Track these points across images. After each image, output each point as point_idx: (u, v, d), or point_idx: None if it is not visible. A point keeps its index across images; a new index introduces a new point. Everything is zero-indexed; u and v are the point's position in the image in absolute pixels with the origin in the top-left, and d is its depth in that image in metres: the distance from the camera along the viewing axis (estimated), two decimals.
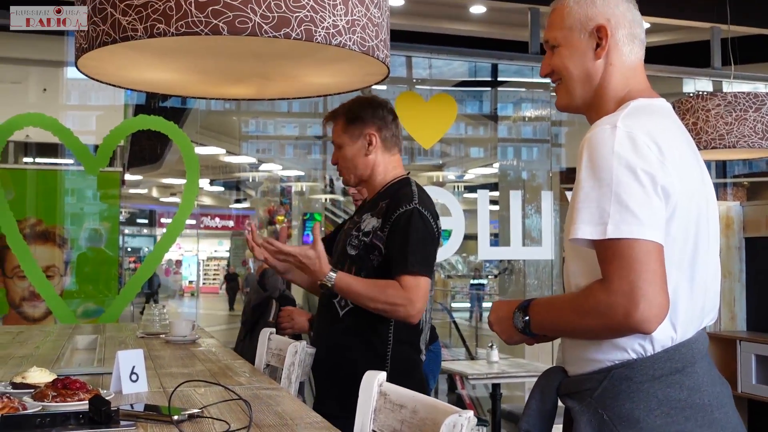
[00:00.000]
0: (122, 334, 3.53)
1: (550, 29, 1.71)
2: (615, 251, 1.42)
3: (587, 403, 1.54)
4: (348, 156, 2.60)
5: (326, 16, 2.20)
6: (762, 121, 4.96)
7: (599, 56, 1.65)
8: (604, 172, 1.46)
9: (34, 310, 5.66)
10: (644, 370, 1.50)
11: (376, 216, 2.49)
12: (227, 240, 26.34)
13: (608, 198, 1.44)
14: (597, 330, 1.49)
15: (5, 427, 1.59)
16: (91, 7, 2.27)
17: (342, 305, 2.48)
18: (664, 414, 1.47)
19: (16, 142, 6.95)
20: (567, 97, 1.71)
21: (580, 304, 1.49)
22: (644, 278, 1.39)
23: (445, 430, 1.38)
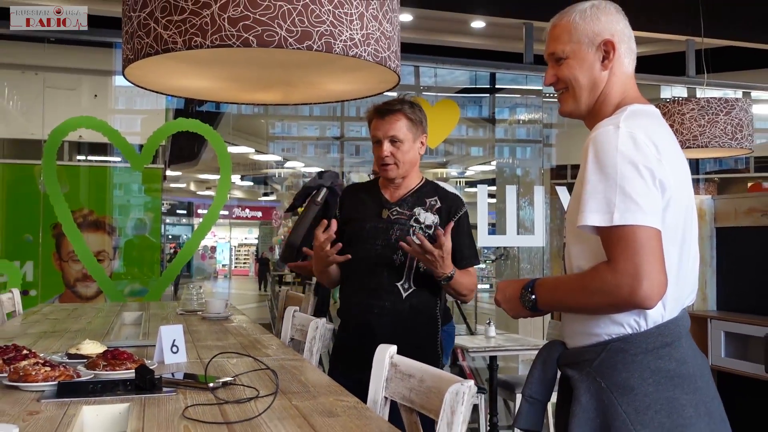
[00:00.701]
0: (164, 311, 3.54)
1: (556, 43, 1.70)
2: (620, 236, 1.43)
3: (586, 372, 1.55)
4: (406, 151, 2.52)
5: (344, 30, 2.19)
6: (731, 123, 4.92)
7: (606, 67, 1.67)
8: (609, 168, 1.47)
9: (87, 289, 5.70)
10: (638, 344, 1.51)
11: (431, 212, 2.51)
12: (256, 228, 26.36)
13: (613, 190, 1.45)
14: (602, 306, 1.49)
15: (62, 392, 1.60)
16: (136, 22, 2.27)
17: (406, 288, 2.48)
18: (655, 383, 1.49)
19: (70, 142, 6.98)
20: (574, 104, 1.71)
21: (587, 283, 1.49)
22: (647, 260, 1.41)
23: (449, 397, 1.37)
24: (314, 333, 2.37)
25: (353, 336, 2.48)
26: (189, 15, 2.12)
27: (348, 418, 1.45)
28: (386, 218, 2.52)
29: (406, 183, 2.58)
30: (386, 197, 2.57)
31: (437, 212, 2.51)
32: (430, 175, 11.32)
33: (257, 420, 1.42)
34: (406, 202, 2.55)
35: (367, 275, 2.49)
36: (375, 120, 2.58)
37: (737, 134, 4.99)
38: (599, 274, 1.46)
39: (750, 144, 5.10)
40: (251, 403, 1.56)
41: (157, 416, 1.44)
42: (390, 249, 2.47)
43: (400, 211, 2.52)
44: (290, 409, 1.52)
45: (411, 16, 6.90)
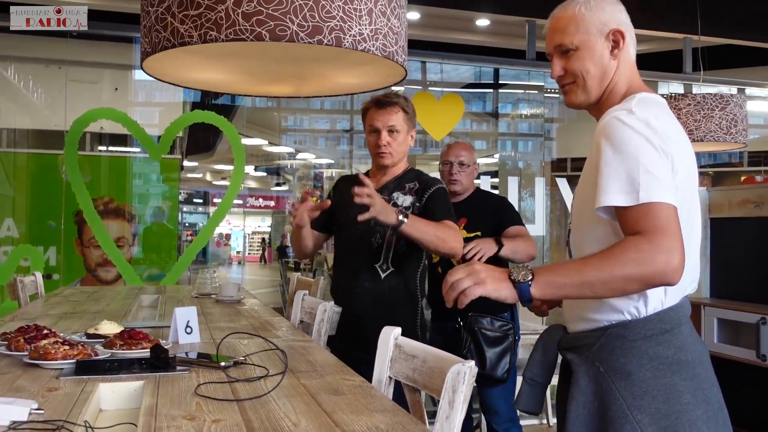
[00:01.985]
0: (180, 294, 3.54)
1: (563, 35, 1.63)
2: (649, 213, 1.37)
3: (585, 356, 1.53)
4: (401, 142, 2.63)
5: (353, 25, 2.18)
6: (726, 118, 4.88)
7: (615, 57, 1.61)
8: (628, 147, 1.42)
9: (107, 274, 5.71)
10: (637, 330, 1.48)
11: (408, 194, 2.62)
12: (269, 217, 26.44)
13: (635, 169, 1.39)
14: (631, 279, 1.36)
15: (80, 369, 1.60)
16: (154, 17, 2.26)
17: (384, 269, 2.56)
18: (653, 368, 1.46)
19: (92, 133, 6.98)
20: (584, 94, 1.64)
21: (619, 254, 1.37)
22: (676, 237, 1.36)
23: (451, 376, 1.36)
24: (322, 315, 2.37)
25: (343, 315, 2.54)
26: (204, 10, 2.12)
27: (353, 396, 1.45)
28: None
29: (392, 171, 2.67)
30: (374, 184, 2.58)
31: (414, 193, 2.61)
32: (435, 167, 11.29)
33: (266, 397, 1.42)
34: (387, 187, 2.64)
35: (348, 258, 2.63)
36: (372, 111, 2.65)
37: (732, 129, 4.95)
38: (634, 244, 1.36)
39: (744, 139, 5.06)
40: (261, 381, 1.56)
41: (170, 393, 1.44)
42: (370, 232, 2.56)
43: (382, 197, 2.54)
44: (298, 387, 1.51)
45: (418, 14, 6.86)
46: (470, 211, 3.14)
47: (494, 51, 7.56)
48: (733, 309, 3.90)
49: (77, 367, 1.61)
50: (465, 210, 3.11)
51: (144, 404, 1.36)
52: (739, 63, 8.13)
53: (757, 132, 10.65)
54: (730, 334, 3.89)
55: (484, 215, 3.11)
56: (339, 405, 1.37)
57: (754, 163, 11.57)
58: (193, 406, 1.35)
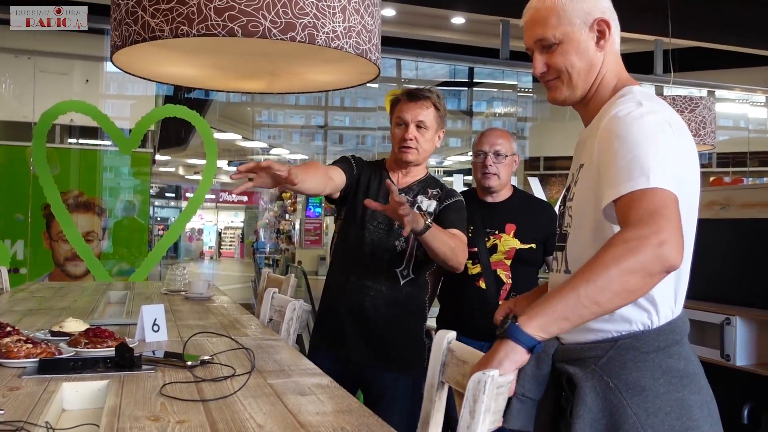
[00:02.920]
0: (149, 290, 3.50)
1: (544, 28, 1.49)
2: (658, 197, 1.25)
3: (591, 370, 1.39)
4: (428, 140, 2.43)
5: (327, 22, 2.17)
6: (696, 120, 4.95)
7: (602, 48, 1.49)
8: (638, 136, 1.32)
9: (76, 268, 5.65)
10: (650, 342, 1.37)
11: (432, 199, 2.44)
12: (242, 212, 26.31)
13: (646, 155, 1.29)
14: (628, 272, 1.22)
15: (43, 368, 1.57)
16: (124, 10, 2.23)
17: (404, 275, 2.38)
18: (666, 383, 1.36)
19: (62, 125, 6.88)
20: (569, 90, 1.51)
21: (605, 252, 1.24)
22: (670, 220, 1.24)
23: (471, 385, 1.26)
24: (291, 314, 2.36)
25: (345, 315, 2.37)
26: (176, 4, 2.09)
27: (320, 397, 1.44)
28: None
29: (414, 172, 2.48)
30: (395, 181, 2.45)
31: (438, 200, 2.45)
32: None
33: (232, 398, 1.41)
34: (412, 189, 2.45)
35: (367, 256, 2.37)
36: (403, 103, 2.44)
37: (701, 131, 5.02)
38: (618, 237, 1.25)
39: (712, 141, 5.13)
40: (228, 381, 1.54)
41: (134, 393, 1.42)
42: (392, 234, 2.38)
43: (406, 198, 2.38)
44: (265, 388, 1.50)
45: (394, 11, 6.86)
46: (519, 216, 2.70)
47: (469, 49, 7.59)
48: (698, 309, 3.96)
49: (40, 366, 1.58)
50: (512, 214, 2.70)
51: (107, 404, 1.34)
52: (708, 65, 8.25)
53: (725, 134, 10.82)
54: (696, 334, 3.95)
55: (537, 223, 2.68)
56: (305, 406, 1.36)
57: (723, 164, 11.75)
58: (157, 406, 1.33)
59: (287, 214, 14.85)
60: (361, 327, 2.35)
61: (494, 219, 2.68)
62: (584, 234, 1.45)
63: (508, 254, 2.63)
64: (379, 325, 2.35)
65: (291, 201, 14.35)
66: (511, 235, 2.65)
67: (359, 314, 2.35)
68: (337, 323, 2.38)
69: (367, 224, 2.39)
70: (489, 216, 2.69)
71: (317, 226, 12.44)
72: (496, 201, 2.73)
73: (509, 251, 2.63)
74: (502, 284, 2.63)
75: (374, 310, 2.35)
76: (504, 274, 2.63)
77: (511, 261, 2.64)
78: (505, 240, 2.65)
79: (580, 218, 1.47)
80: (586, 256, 1.32)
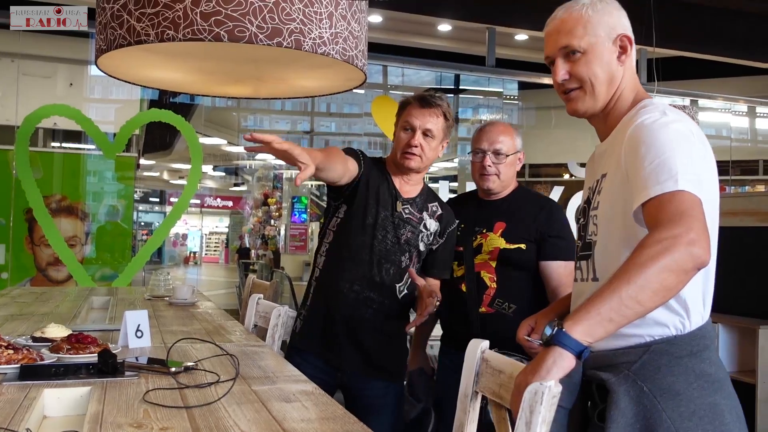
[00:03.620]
0: (132, 296, 3.48)
1: (570, 36, 1.52)
2: (686, 199, 1.29)
3: (624, 375, 1.39)
4: (433, 148, 2.35)
5: (313, 28, 2.17)
6: None
7: (623, 62, 1.54)
8: (665, 142, 1.36)
9: (58, 273, 5.59)
10: (683, 346, 1.39)
11: (433, 219, 2.39)
12: (227, 217, 26.20)
13: (673, 159, 1.33)
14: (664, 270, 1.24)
15: (24, 375, 1.55)
16: (110, 13, 2.22)
17: (401, 290, 2.33)
18: (699, 387, 1.37)
19: (45, 128, 6.82)
20: (591, 101, 1.54)
21: (639, 254, 1.26)
22: (697, 219, 1.28)
23: (528, 396, 1.25)
24: (276, 320, 2.35)
25: (341, 323, 2.29)
26: (162, 8, 2.08)
27: (305, 404, 1.43)
28: (399, 213, 2.34)
29: (414, 179, 2.41)
30: (398, 189, 2.38)
31: (438, 219, 2.40)
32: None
33: (216, 404, 1.40)
34: (416, 202, 2.39)
35: (374, 266, 2.29)
36: (413, 107, 2.35)
37: None
38: (650, 238, 1.27)
39: None
40: (211, 387, 1.53)
41: (117, 400, 1.41)
42: (399, 248, 2.32)
43: (411, 211, 2.37)
44: (249, 394, 1.49)
45: (380, 17, 6.87)
46: (510, 213, 2.45)
47: (455, 56, 7.62)
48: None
49: (21, 373, 1.56)
50: (503, 211, 2.46)
51: (89, 411, 1.33)
52: (691, 75, 8.33)
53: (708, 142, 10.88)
54: None
55: (531, 222, 2.41)
56: (290, 413, 1.36)
57: None
58: (140, 413, 1.32)
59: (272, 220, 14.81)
60: (357, 337, 2.30)
61: (486, 217, 2.45)
62: (613, 241, 1.47)
63: (491, 255, 2.38)
64: (376, 336, 2.31)
65: (276, 207, 14.32)
66: (498, 234, 2.40)
67: (359, 325, 2.29)
68: (330, 330, 2.31)
69: (377, 233, 2.30)
70: (482, 214, 2.48)
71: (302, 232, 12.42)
72: (492, 199, 2.49)
73: (493, 251, 2.38)
74: (485, 288, 2.37)
75: (374, 322, 2.30)
76: (488, 277, 2.38)
77: (496, 263, 2.37)
78: (490, 239, 2.40)
79: (607, 226, 1.48)
80: (616, 262, 1.33)
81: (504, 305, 2.36)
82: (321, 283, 2.38)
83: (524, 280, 2.39)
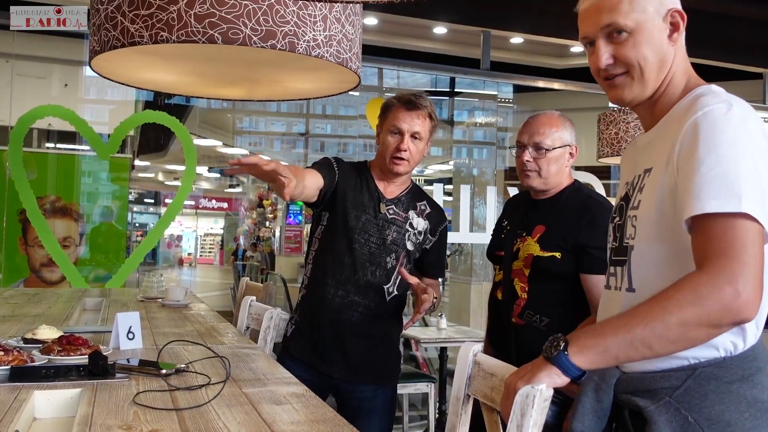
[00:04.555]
0: (125, 297, 3.47)
1: (614, 14, 1.31)
2: (726, 231, 1.13)
3: (665, 402, 1.23)
4: (420, 150, 2.34)
5: (307, 31, 2.18)
6: None
7: (675, 42, 1.33)
8: (731, 145, 1.17)
9: (52, 274, 5.58)
10: (734, 370, 1.22)
11: (422, 218, 2.40)
12: (222, 219, 26.16)
13: (737, 171, 1.14)
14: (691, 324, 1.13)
15: (14, 376, 1.55)
16: (104, 15, 2.22)
17: (390, 291, 2.34)
18: (752, 416, 1.21)
19: (39, 129, 6.82)
20: (639, 88, 1.33)
21: (671, 296, 1.14)
22: (747, 265, 1.12)
23: (519, 399, 1.26)
24: (269, 322, 2.35)
25: (328, 329, 2.30)
26: (156, 10, 2.08)
27: (295, 406, 1.44)
28: (383, 214, 2.34)
29: (401, 180, 2.40)
30: (382, 190, 2.37)
31: (427, 218, 2.41)
32: None
33: (206, 407, 1.40)
34: (401, 201, 2.39)
35: (358, 271, 2.29)
36: (399, 110, 2.32)
37: None
38: (690, 280, 1.14)
39: None
40: (202, 390, 1.53)
41: (107, 402, 1.40)
42: (384, 249, 2.31)
43: (396, 211, 2.37)
44: (239, 397, 1.49)
45: (376, 20, 6.88)
46: (553, 216, 2.18)
47: (451, 59, 7.63)
48: None
49: (11, 374, 1.56)
50: (547, 213, 2.20)
51: (79, 413, 1.32)
52: None
53: None
54: None
55: (570, 228, 2.12)
56: (280, 415, 1.36)
57: None
58: (130, 415, 1.32)
59: (267, 222, 14.80)
60: (344, 342, 2.30)
61: (530, 219, 2.22)
62: (654, 248, 1.28)
63: (525, 262, 2.16)
64: (363, 340, 2.32)
65: (271, 209, 14.32)
66: (534, 240, 2.15)
67: (346, 330, 2.29)
68: (318, 337, 2.31)
69: (357, 237, 2.30)
70: (528, 216, 2.25)
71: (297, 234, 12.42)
72: (540, 198, 2.24)
73: (527, 258, 2.15)
74: (516, 297, 2.16)
75: (360, 327, 2.30)
76: (519, 286, 2.16)
77: (530, 271, 2.15)
78: (527, 245, 2.17)
79: (647, 229, 1.29)
80: (655, 275, 1.23)
81: (535, 317, 2.12)
82: (308, 290, 2.39)
83: (559, 292, 2.12)
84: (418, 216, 2.39)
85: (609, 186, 7.61)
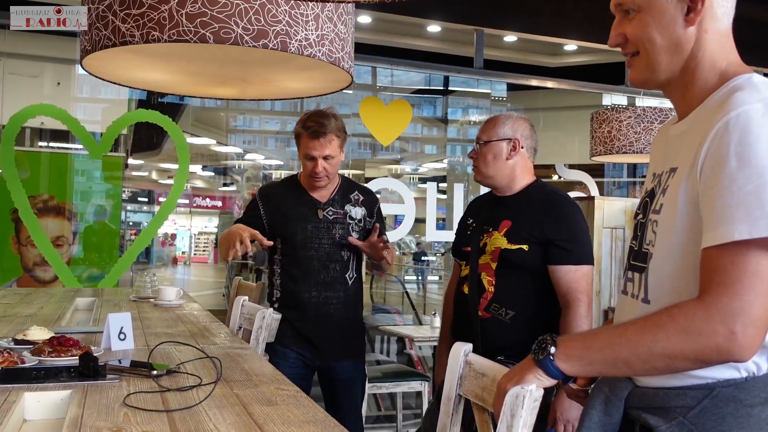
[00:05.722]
0: (118, 297, 3.46)
1: None
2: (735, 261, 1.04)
3: (678, 422, 1.15)
4: (336, 164, 2.68)
5: (299, 30, 2.17)
6: None
7: (692, 22, 1.20)
8: (765, 160, 1.04)
9: (45, 273, 5.56)
10: (756, 392, 1.11)
11: (358, 206, 2.76)
12: (216, 217, 26.09)
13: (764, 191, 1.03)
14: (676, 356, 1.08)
15: (4, 378, 1.54)
16: (95, 14, 2.21)
17: (350, 277, 2.73)
18: None
19: (32, 128, 6.79)
20: (647, 71, 1.25)
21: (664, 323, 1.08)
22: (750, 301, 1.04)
23: (509, 399, 1.25)
24: (261, 322, 2.34)
25: (311, 322, 2.65)
26: (147, 9, 2.08)
27: (286, 407, 1.43)
28: (323, 218, 2.68)
29: (334, 180, 2.76)
30: (316, 198, 2.71)
31: (363, 204, 2.76)
32: (385, 171, 11.33)
33: (197, 408, 1.39)
34: (335, 201, 2.73)
35: (321, 271, 2.66)
36: (308, 139, 2.62)
37: None
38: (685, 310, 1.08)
39: None
40: (193, 391, 1.53)
41: (97, 403, 1.40)
42: (337, 246, 2.68)
43: (335, 211, 2.71)
44: (231, 398, 1.49)
45: (369, 18, 6.88)
46: (518, 211, 2.24)
47: (444, 57, 7.63)
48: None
49: (1, 376, 1.55)
50: (511, 209, 2.26)
51: (69, 415, 1.32)
52: None
53: None
54: None
55: (537, 221, 2.18)
56: (271, 416, 1.36)
57: None
58: (120, 417, 1.32)
59: None
60: (328, 331, 2.67)
61: (495, 215, 2.27)
62: (672, 260, 1.18)
63: (493, 255, 2.20)
64: (342, 325, 2.69)
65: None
66: (501, 234, 2.20)
67: (326, 321, 2.67)
68: (305, 330, 2.66)
69: (311, 245, 2.65)
70: (492, 212, 2.30)
71: None
72: (503, 195, 2.30)
73: (494, 252, 2.19)
74: (483, 291, 2.21)
75: (337, 315, 2.68)
76: (487, 279, 2.21)
77: (497, 264, 2.19)
78: (494, 239, 2.21)
79: (666, 237, 1.19)
80: (671, 289, 1.16)
81: (500, 311, 2.18)
82: (283, 295, 2.71)
83: (526, 285, 2.19)
84: (354, 206, 2.75)
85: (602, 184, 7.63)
